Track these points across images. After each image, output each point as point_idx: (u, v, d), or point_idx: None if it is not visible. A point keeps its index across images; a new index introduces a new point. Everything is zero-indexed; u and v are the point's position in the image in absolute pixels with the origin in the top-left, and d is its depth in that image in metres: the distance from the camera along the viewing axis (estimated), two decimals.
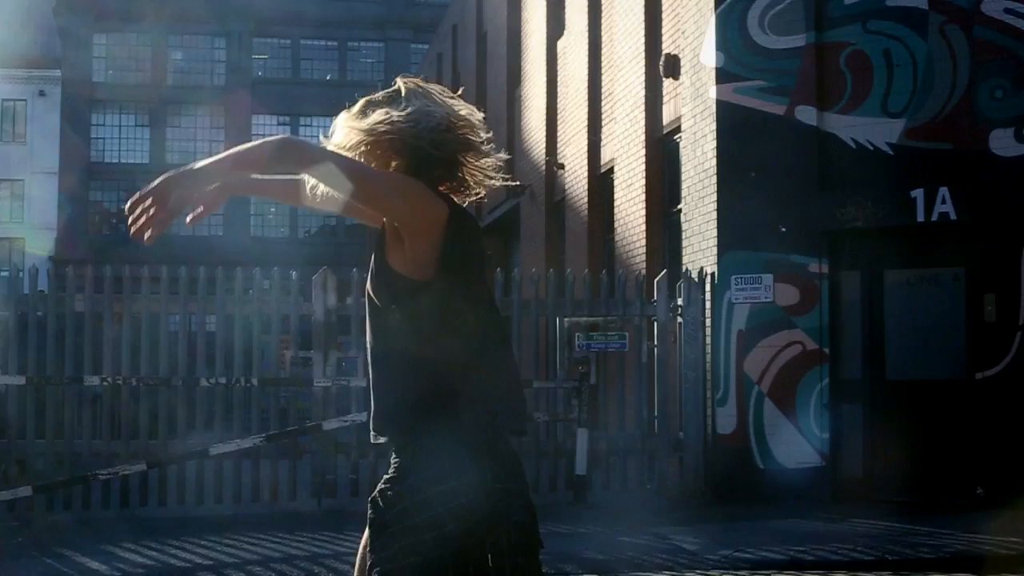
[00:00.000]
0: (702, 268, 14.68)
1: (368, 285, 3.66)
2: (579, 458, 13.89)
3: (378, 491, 3.56)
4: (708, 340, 14.54)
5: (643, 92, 18.16)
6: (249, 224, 63.48)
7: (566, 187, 22.81)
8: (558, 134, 23.85)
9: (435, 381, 3.53)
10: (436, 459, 3.47)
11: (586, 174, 21.29)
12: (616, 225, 19.55)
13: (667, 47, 17.22)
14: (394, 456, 3.59)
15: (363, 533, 3.68)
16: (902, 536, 11.35)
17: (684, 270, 14.93)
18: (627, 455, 14.53)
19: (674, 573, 9.85)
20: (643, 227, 18.02)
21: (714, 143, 14.72)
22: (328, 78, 65.90)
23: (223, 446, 13.56)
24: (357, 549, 10.28)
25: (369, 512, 3.55)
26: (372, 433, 3.68)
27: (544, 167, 24.31)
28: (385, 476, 3.58)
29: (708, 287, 14.54)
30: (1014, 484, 13.12)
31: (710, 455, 14.41)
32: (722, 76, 14.71)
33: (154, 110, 62.48)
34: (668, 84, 17.25)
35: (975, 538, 11.23)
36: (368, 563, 3.55)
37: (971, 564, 10.12)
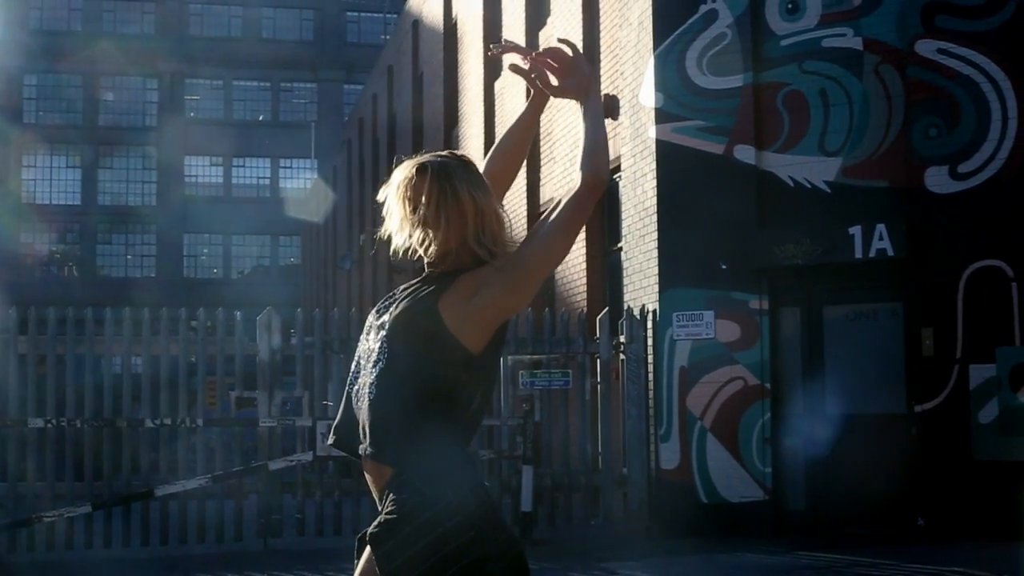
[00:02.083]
0: (643, 305, 14.85)
1: (398, 316, 3.64)
2: (524, 495, 13.97)
3: (377, 527, 3.54)
4: (651, 376, 14.69)
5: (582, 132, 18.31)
6: (182, 265, 63.20)
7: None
8: None
9: (431, 419, 3.58)
10: (434, 490, 3.52)
11: (525, 213, 21.45)
12: None
13: (606, 87, 17.42)
14: (391, 494, 3.56)
15: (356, 564, 3.68)
16: (847, 568, 11.53)
17: (626, 307, 15.09)
18: (572, 491, 14.64)
19: None
20: (584, 265, 18.18)
21: (654, 182, 14.91)
22: (261, 119, 65.86)
23: (169, 487, 13.54)
24: None
25: (372, 547, 3.53)
26: (367, 451, 3.62)
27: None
28: (384, 512, 3.54)
29: (650, 324, 14.70)
30: (954, 515, 13.36)
31: (654, 490, 14.54)
32: (661, 116, 14.91)
33: (85, 151, 62.14)
34: (607, 124, 17.43)
35: (918, 568, 11.43)
36: None
37: None
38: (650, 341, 14.68)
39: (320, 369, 14.39)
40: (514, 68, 3.93)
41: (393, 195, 3.74)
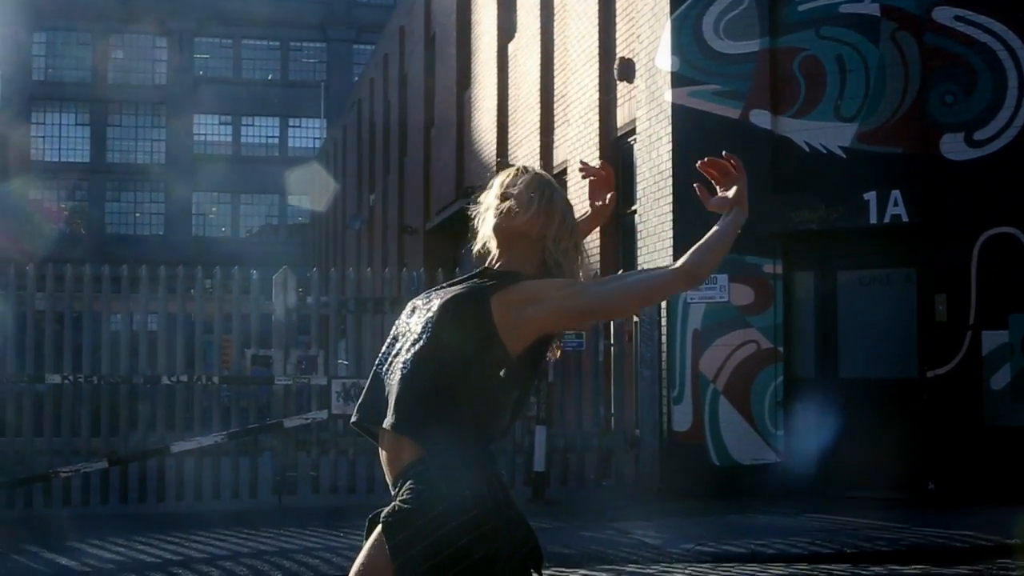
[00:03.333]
0: None
1: (448, 301, 3.67)
2: (537, 455, 14.08)
3: (390, 515, 3.53)
4: (664, 339, 14.76)
5: (597, 95, 18.38)
6: (191, 223, 63.23)
7: None
8: (509, 136, 24.01)
9: (458, 408, 3.61)
10: (451, 483, 3.53)
11: None
12: None
13: (621, 51, 17.44)
14: (407, 483, 3.55)
15: (365, 543, 3.67)
16: (857, 530, 11.61)
17: (640, 270, 15.10)
18: (584, 452, 14.73)
19: (639, 567, 10.05)
20: (597, 228, 18.18)
21: (670, 146, 14.94)
22: (270, 78, 65.75)
23: (184, 443, 13.65)
24: (323, 543, 10.40)
25: (386, 535, 3.52)
26: (390, 423, 3.63)
27: (495, 169, 24.42)
28: (399, 500, 3.54)
29: None
30: (965, 480, 13.46)
31: (666, 452, 14.63)
32: (677, 80, 14.93)
33: (94, 109, 62.09)
34: (622, 87, 17.48)
35: (929, 531, 11.51)
36: None
37: (927, 556, 10.40)
38: (664, 305, 14.74)
39: (335, 328, 14.45)
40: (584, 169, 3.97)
41: (492, 191, 3.90)
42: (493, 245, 3.87)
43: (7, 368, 13.65)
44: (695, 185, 3.80)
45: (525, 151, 22.48)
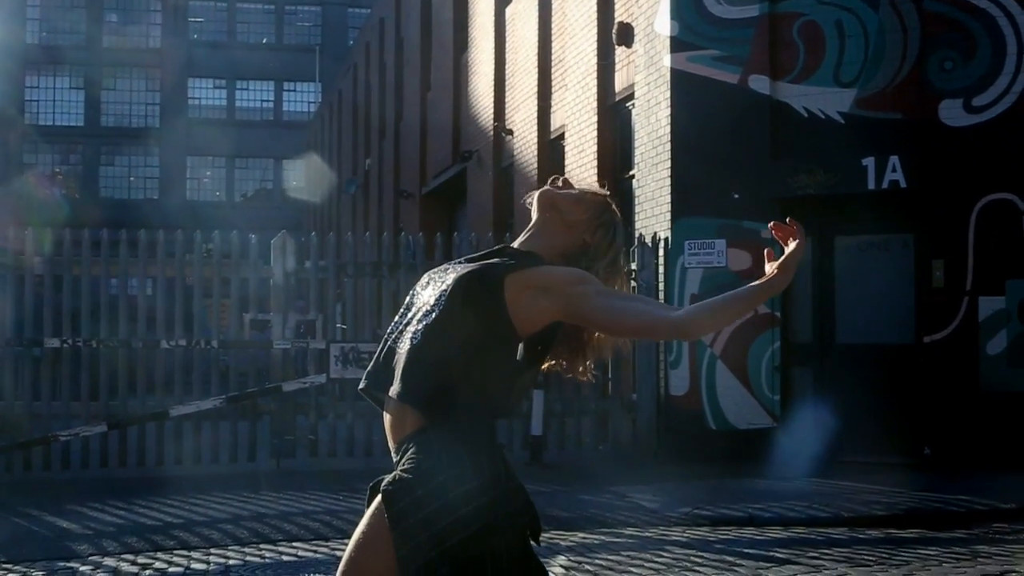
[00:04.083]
0: (655, 233, 14.92)
1: (463, 276, 3.64)
2: (535, 419, 14.15)
3: (391, 484, 3.52)
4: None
5: (595, 59, 18.36)
6: (185, 187, 63.13)
7: (515, 153, 22.98)
8: (506, 100, 23.98)
9: (464, 381, 3.62)
10: (452, 454, 3.54)
11: (535, 140, 21.47)
12: None
13: (620, 15, 17.40)
14: (409, 450, 3.56)
15: (366, 510, 3.67)
16: (854, 494, 11.67)
17: (638, 235, 15.16)
18: (581, 416, 14.79)
19: (638, 530, 10.09)
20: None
21: (668, 111, 14.94)
22: (264, 41, 65.56)
23: (183, 407, 13.69)
24: (323, 507, 10.44)
25: (385, 504, 3.49)
26: (396, 391, 3.65)
27: (492, 133, 24.45)
28: (400, 469, 3.52)
29: (661, 252, 14.79)
30: (960, 445, 13.53)
31: (663, 416, 14.68)
32: (676, 45, 14.92)
33: (88, 72, 61.89)
34: (621, 52, 17.45)
35: (924, 496, 11.56)
36: (397, 558, 3.55)
37: (923, 520, 10.44)
38: (661, 269, 14.77)
39: (334, 292, 14.47)
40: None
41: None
42: (534, 211, 3.90)
43: (6, 332, 13.67)
44: (770, 226, 3.77)
45: (522, 116, 22.47)
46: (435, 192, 29.98)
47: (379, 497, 3.53)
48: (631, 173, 16.87)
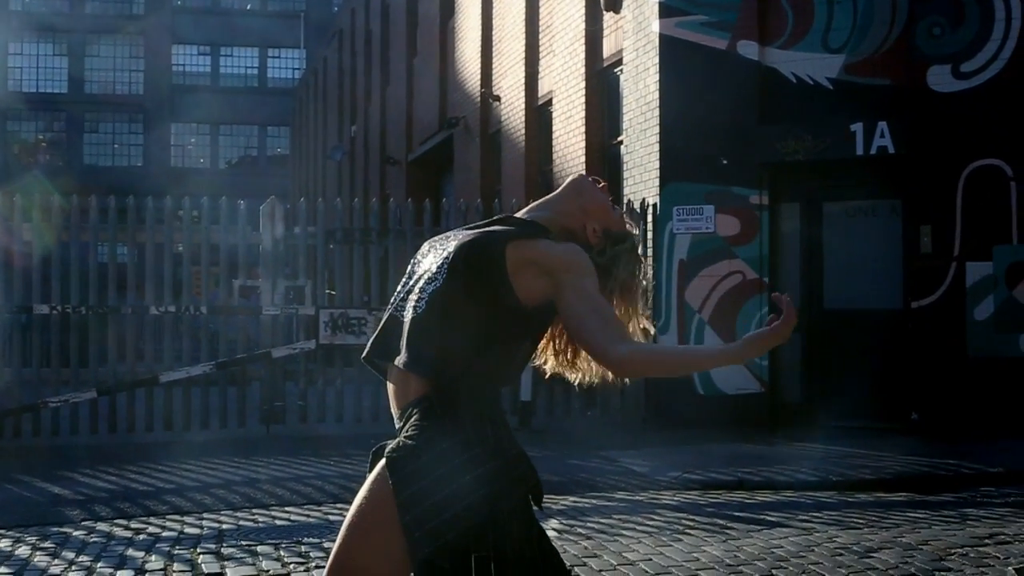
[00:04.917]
0: (644, 199, 14.94)
1: (464, 243, 3.63)
2: (524, 384, 14.18)
3: (395, 450, 3.51)
4: (650, 269, 14.77)
5: (583, 25, 18.33)
6: (169, 154, 62.92)
7: (502, 119, 22.94)
8: (493, 66, 23.92)
9: (467, 349, 3.62)
10: (455, 421, 3.55)
11: (523, 106, 21.44)
12: (555, 157, 19.75)
13: None
14: (414, 416, 3.56)
15: (368, 475, 3.67)
16: (842, 459, 11.74)
17: (626, 201, 15.18)
18: (570, 382, 14.76)
19: (628, 494, 10.14)
20: (583, 158, 18.23)
21: (657, 76, 14.94)
22: (248, 7, 65.27)
23: (173, 373, 13.71)
24: (314, 471, 10.45)
25: (389, 471, 3.48)
26: (401, 360, 3.65)
27: (479, 99, 24.40)
28: (404, 436, 3.52)
29: (650, 217, 14.81)
30: (948, 410, 13.61)
31: (651, 381, 14.68)
32: (664, 11, 14.91)
33: (72, 39, 61.58)
34: (609, 18, 17.43)
35: (913, 460, 11.63)
36: (402, 524, 3.54)
37: (911, 484, 10.51)
38: (650, 234, 14.79)
39: (322, 259, 14.47)
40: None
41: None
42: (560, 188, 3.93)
43: None
44: (774, 295, 3.78)
45: (510, 82, 22.42)
46: (422, 159, 29.93)
47: (382, 462, 3.53)
48: (619, 139, 16.88)
